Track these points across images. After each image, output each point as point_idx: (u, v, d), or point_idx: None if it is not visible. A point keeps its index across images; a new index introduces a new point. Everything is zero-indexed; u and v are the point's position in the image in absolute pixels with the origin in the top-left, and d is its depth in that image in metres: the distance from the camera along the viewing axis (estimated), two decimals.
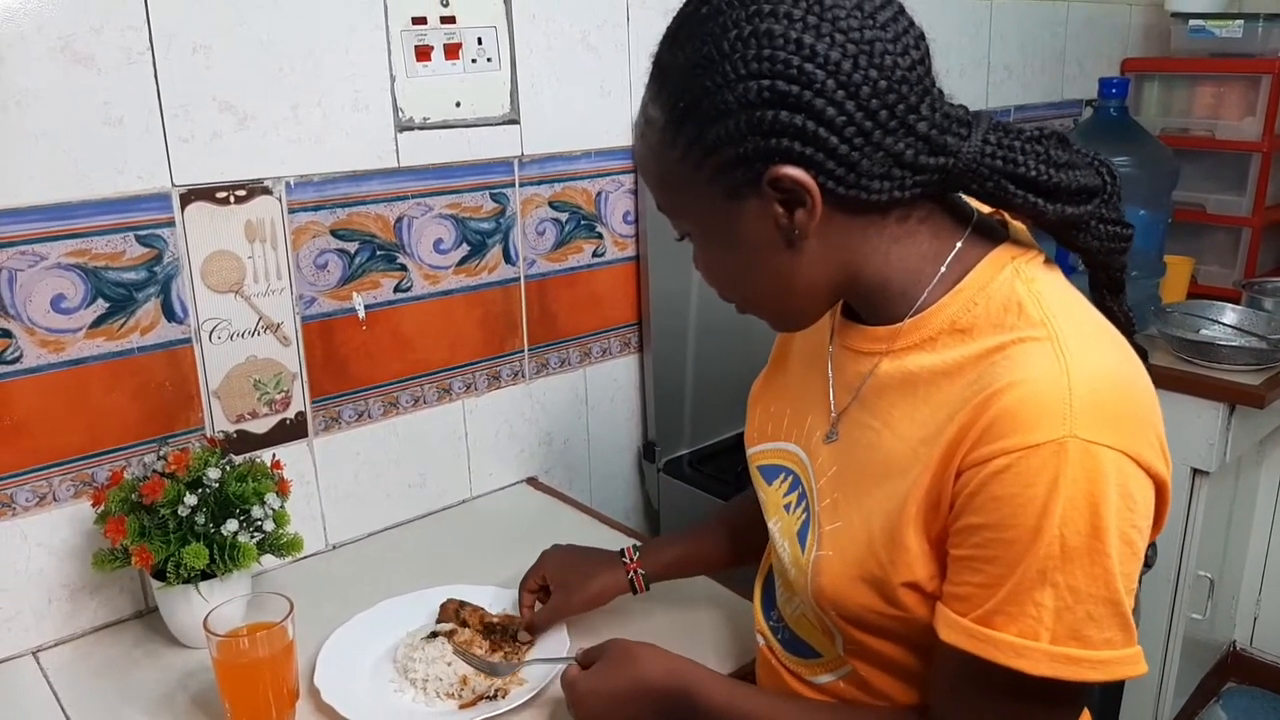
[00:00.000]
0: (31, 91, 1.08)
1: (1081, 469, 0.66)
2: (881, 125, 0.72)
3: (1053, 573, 0.68)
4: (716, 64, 0.71)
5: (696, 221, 0.81)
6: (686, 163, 0.76)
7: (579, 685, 0.93)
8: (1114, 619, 0.69)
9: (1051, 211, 0.76)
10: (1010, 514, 0.68)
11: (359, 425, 1.42)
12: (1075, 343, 0.71)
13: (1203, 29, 2.44)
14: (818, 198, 0.73)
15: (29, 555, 1.17)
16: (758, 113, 0.71)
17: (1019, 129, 0.78)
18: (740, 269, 0.81)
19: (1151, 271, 2.28)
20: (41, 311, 1.13)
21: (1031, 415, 0.68)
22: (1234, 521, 2.27)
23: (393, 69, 1.35)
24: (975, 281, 0.77)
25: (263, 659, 1.01)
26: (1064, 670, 0.69)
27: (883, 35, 0.71)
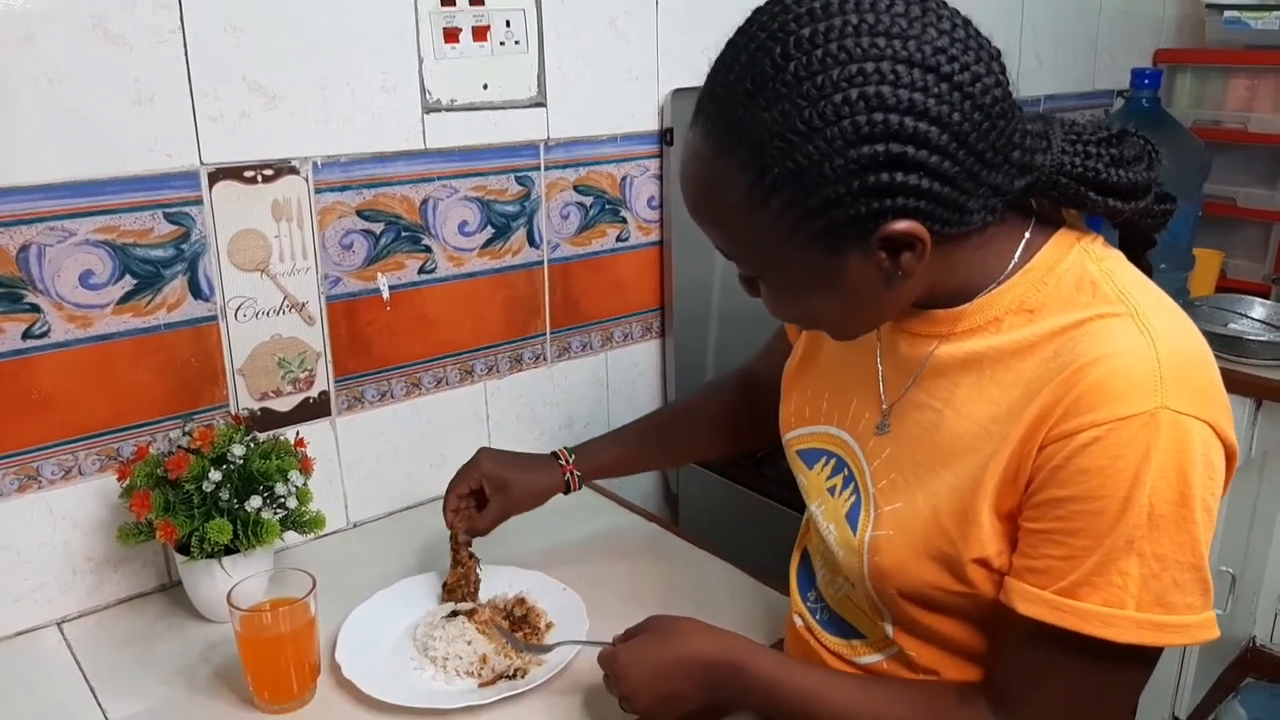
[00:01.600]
0: (63, 68, 1.08)
1: (1172, 440, 0.68)
2: (986, 164, 0.72)
3: (1140, 541, 0.69)
4: (821, 131, 0.67)
5: (781, 273, 0.78)
6: (780, 225, 0.72)
7: (621, 657, 0.92)
8: (1197, 584, 0.71)
9: (1128, 210, 0.78)
10: (1099, 485, 0.69)
11: (381, 405, 1.43)
12: (1156, 318, 0.72)
13: (1238, 20, 2.40)
14: (929, 243, 0.72)
15: (54, 527, 1.19)
16: (870, 177, 0.68)
17: (1090, 131, 0.79)
18: (828, 309, 0.79)
19: (1180, 264, 2.26)
20: (70, 287, 1.14)
21: (1122, 388, 0.69)
22: (1257, 517, 2.25)
23: (421, 50, 1.35)
24: (1043, 263, 0.78)
25: (285, 634, 1.02)
26: (1149, 636, 0.70)
27: (978, 69, 0.70)
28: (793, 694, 0.85)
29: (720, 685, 0.89)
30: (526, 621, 1.14)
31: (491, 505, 1.19)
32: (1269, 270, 2.39)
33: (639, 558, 1.34)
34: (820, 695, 0.85)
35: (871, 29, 0.67)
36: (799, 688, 0.86)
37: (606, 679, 0.94)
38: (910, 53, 0.67)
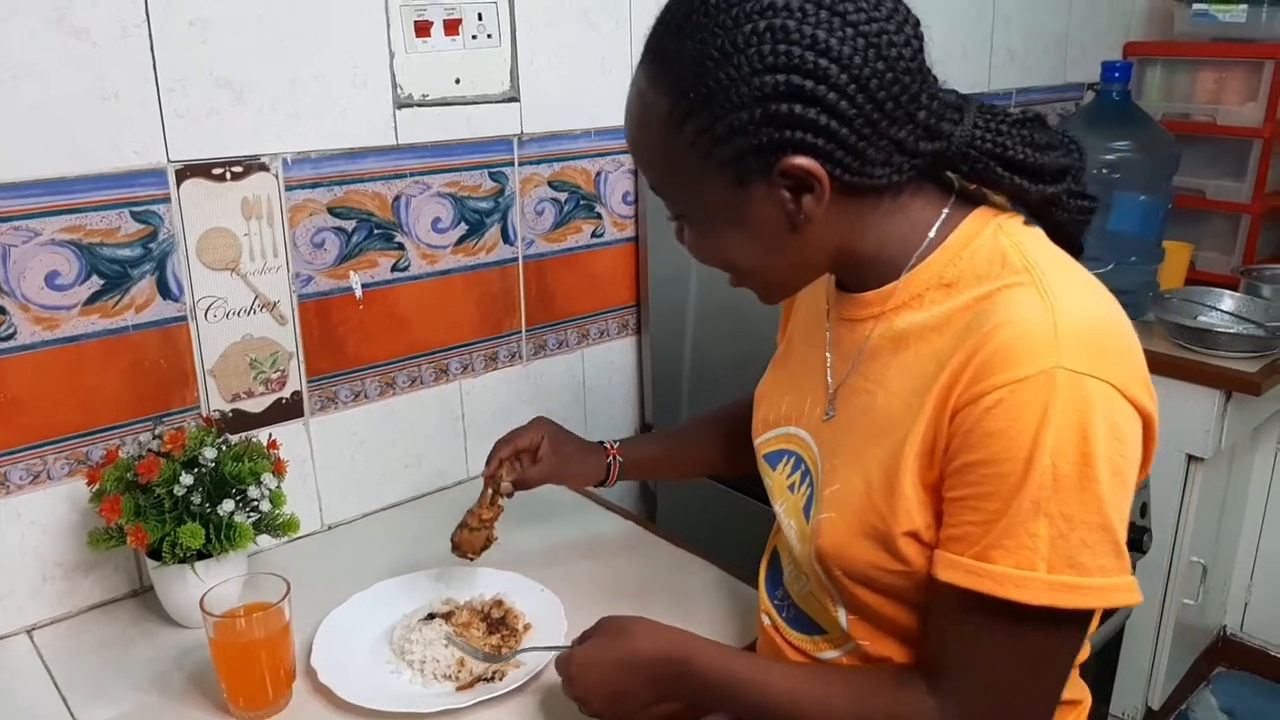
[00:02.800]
0: (26, 64, 1.06)
1: (1070, 399, 0.69)
2: (887, 115, 0.75)
3: (1046, 502, 0.70)
4: (731, 56, 0.73)
5: (698, 206, 0.82)
6: (695, 151, 0.77)
7: (574, 660, 0.93)
8: (1107, 545, 0.71)
9: (1034, 191, 0.81)
10: (1003, 447, 0.71)
11: (355, 405, 1.41)
12: (1058, 285, 0.74)
13: (1206, 13, 2.43)
14: (827, 185, 0.75)
15: (23, 533, 1.17)
16: (772, 106, 0.73)
17: (1005, 112, 0.82)
18: (741, 248, 0.82)
19: (1150, 257, 2.28)
20: (35, 288, 1.12)
21: (1020, 351, 0.70)
22: (1227, 508, 2.27)
23: (392, 45, 1.33)
24: (959, 238, 0.80)
25: (259, 639, 1.00)
26: (1062, 598, 0.71)
27: (887, 27, 0.74)
28: (738, 685, 0.87)
29: (669, 681, 0.90)
30: (504, 623, 1.13)
31: (544, 464, 1.18)
32: (1238, 263, 2.41)
33: (617, 557, 1.33)
34: (765, 684, 0.86)
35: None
36: (743, 678, 0.87)
37: (563, 683, 0.95)
38: (826, 8, 0.72)
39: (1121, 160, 2.20)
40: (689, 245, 0.86)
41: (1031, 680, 0.76)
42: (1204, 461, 2.00)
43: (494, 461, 1.18)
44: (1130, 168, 2.20)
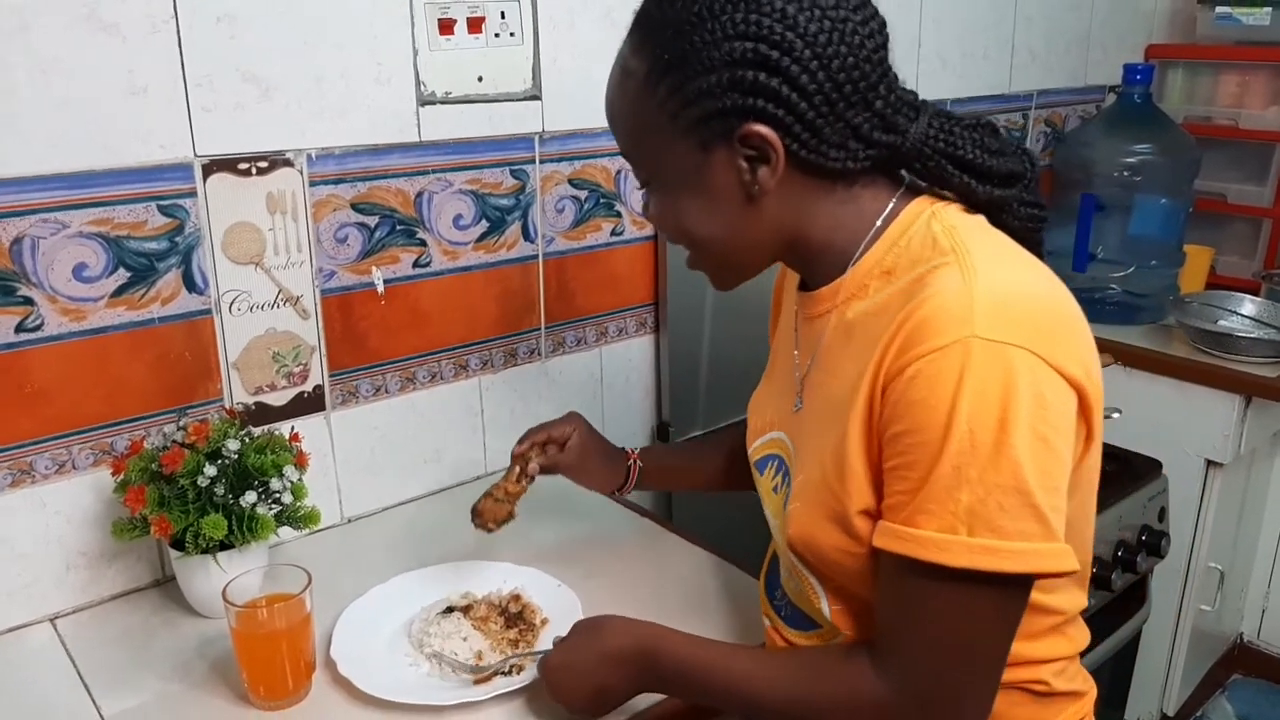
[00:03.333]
0: (56, 59, 1.07)
1: (984, 365, 0.71)
2: (845, 98, 0.79)
3: (966, 467, 0.72)
4: (705, 22, 0.77)
5: (663, 168, 0.86)
6: (664, 111, 0.81)
7: (549, 664, 0.97)
8: (1025, 509, 0.72)
9: (982, 192, 0.84)
10: (924, 415, 0.73)
11: (376, 400, 1.42)
12: (981, 262, 0.76)
13: (1229, 16, 2.41)
14: (781, 156, 0.80)
15: (48, 523, 1.18)
16: (739, 71, 0.77)
17: (959, 117, 0.86)
18: (698, 216, 0.86)
19: (1170, 261, 2.27)
20: (63, 280, 1.13)
21: (938, 323, 0.73)
22: (1245, 514, 2.26)
23: (415, 42, 1.34)
24: (898, 227, 0.84)
25: (281, 630, 1.01)
26: (981, 560, 0.72)
27: (854, 17, 0.79)
28: (702, 671, 0.90)
29: (642, 673, 0.93)
30: (522, 618, 1.14)
31: (570, 454, 1.21)
32: (1259, 267, 2.40)
33: (634, 554, 1.34)
34: (727, 669, 0.89)
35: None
36: (704, 663, 0.90)
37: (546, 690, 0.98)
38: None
39: (1143, 163, 2.19)
40: (652, 215, 0.91)
41: (968, 647, 0.77)
42: (1223, 467, 1.99)
43: (526, 442, 1.20)
44: (1151, 171, 2.20)
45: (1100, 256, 2.24)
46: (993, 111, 2.25)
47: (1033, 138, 2.38)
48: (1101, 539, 1.66)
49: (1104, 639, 1.74)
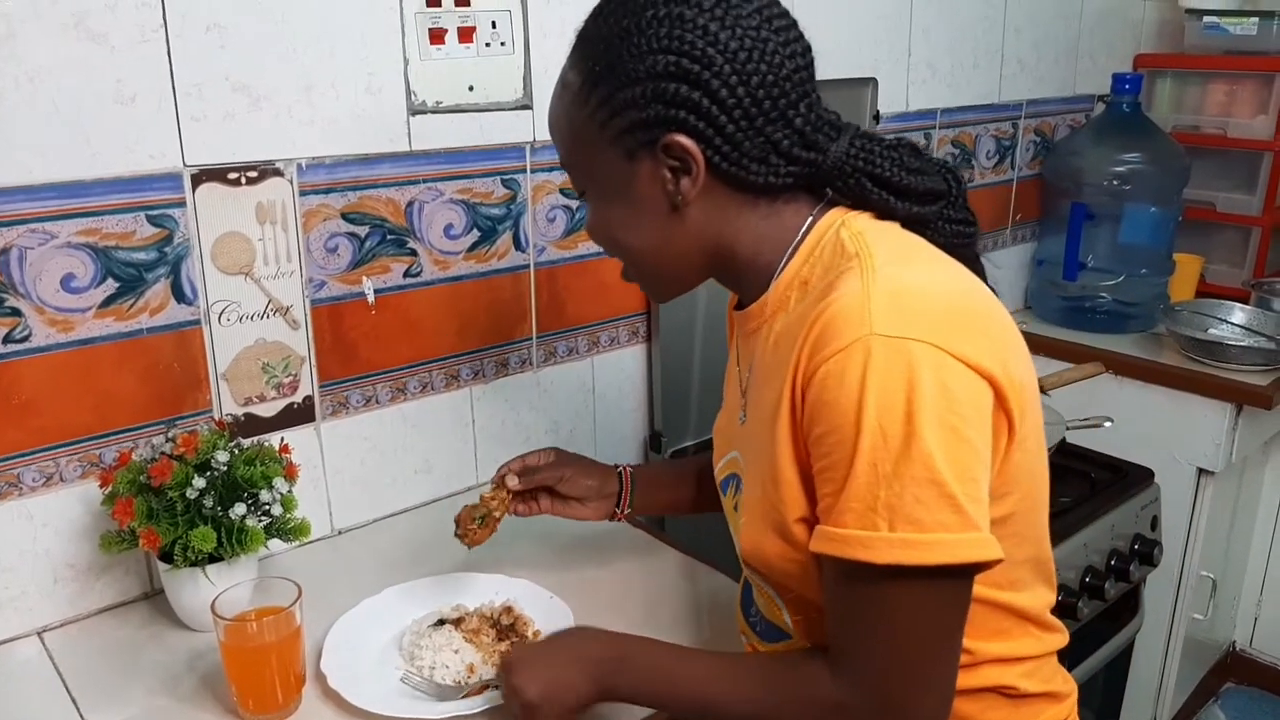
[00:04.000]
0: (44, 68, 1.07)
1: (886, 361, 0.73)
2: (764, 114, 0.82)
3: (881, 463, 0.73)
4: (632, 36, 0.81)
5: (595, 177, 0.90)
6: (594, 121, 0.85)
7: (519, 672, 0.94)
8: (941, 501, 0.73)
9: (901, 209, 0.87)
10: (835, 416, 0.75)
11: (366, 410, 1.41)
12: (882, 261, 0.79)
13: (1217, 26, 2.43)
14: (702, 167, 0.83)
15: (35, 535, 1.17)
16: (662, 84, 0.81)
17: (880, 137, 0.89)
18: (627, 226, 0.89)
19: (1160, 269, 2.28)
20: (51, 290, 1.12)
21: (838, 325, 0.76)
22: (1237, 522, 2.27)
23: (406, 52, 1.33)
24: (812, 239, 0.87)
25: (270, 643, 1.00)
26: (903, 555, 0.73)
27: (776, 38, 0.82)
28: (661, 674, 0.90)
29: (606, 676, 0.92)
30: (514, 630, 1.13)
31: (553, 463, 1.19)
32: (1248, 275, 2.41)
33: (627, 565, 1.33)
34: (690, 675, 0.89)
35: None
36: (665, 668, 0.90)
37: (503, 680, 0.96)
38: (723, 3, 0.81)
39: (1132, 172, 2.20)
40: (587, 225, 0.94)
41: (917, 643, 0.77)
42: (1214, 475, 2.00)
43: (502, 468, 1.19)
44: (1141, 179, 2.21)
45: (1091, 265, 2.25)
46: (983, 121, 2.25)
47: (1023, 147, 2.39)
48: (1094, 548, 1.66)
49: (1097, 648, 1.74)
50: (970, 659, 0.87)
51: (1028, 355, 0.85)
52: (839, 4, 1.86)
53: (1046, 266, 2.38)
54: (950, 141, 2.19)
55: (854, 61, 1.90)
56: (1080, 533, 1.63)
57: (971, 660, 0.87)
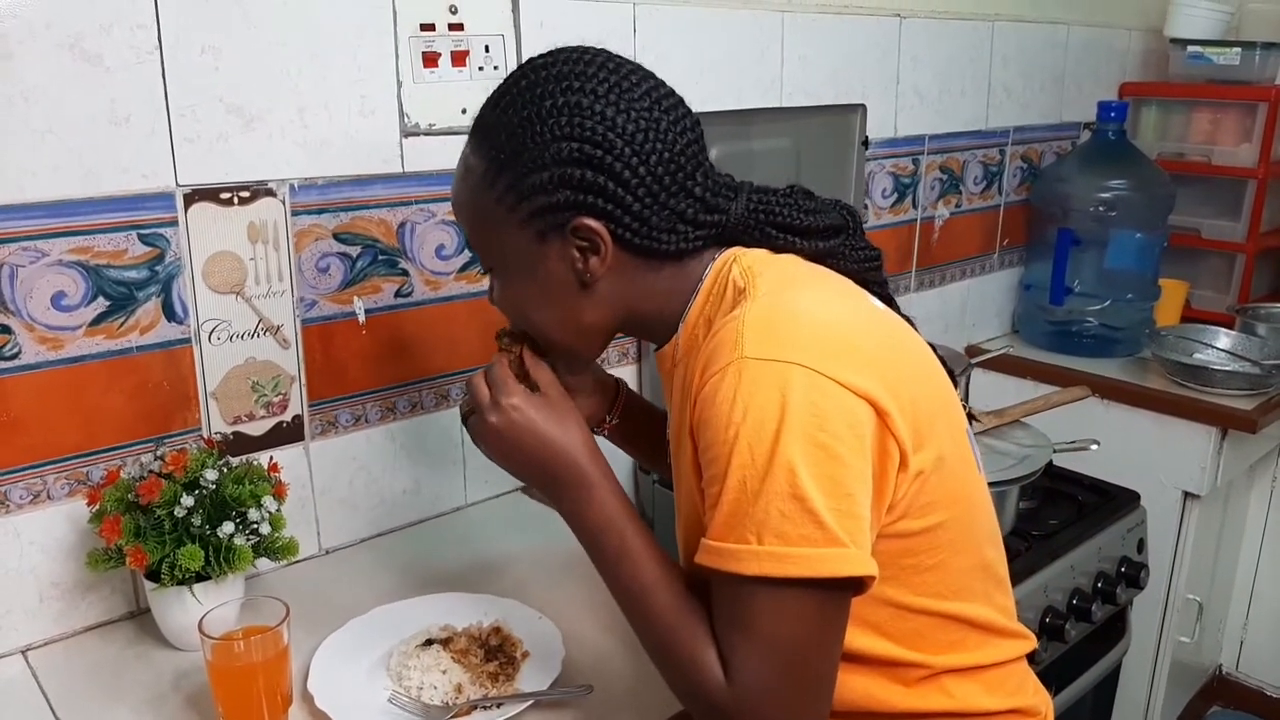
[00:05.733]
0: (39, 87, 1.07)
1: (754, 383, 0.77)
2: (665, 189, 0.87)
3: (750, 479, 0.76)
4: (534, 124, 0.85)
5: (504, 258, 0.93)
6: (501, 205, 0.88)
7: (514, 397, 0.93)
8: (804, 516, 0.76)
9: (807, 247, 0.93)
10: (711, 435, 0.79)
11: (356, 429, 1.41)
12: (763, 290, 0.84)
13: (1201, 55, 2.46)
14: (609, 246, 0.87)
15: (21, 553, 1.16)
16: (567, 169, 0.85)
17: (774, 190, 0.95)
18: (537, 302, 0.93)
19: (1146, 294, 2.30)
20: (41, 308, 1.12)
21: (718, 350, 0.80)
22: (1223, 545, 2.28)
23: (400, 74, 1.35)
24: (708, 281, 0.91)
25: (257, 663, 1.00)
26: (770, 567, 0.76)
27: (667, 118, 0.87)
28: (613, 540, 0.89)
29: (564, 486, 0.92)
30: (502, 651, 1.13)
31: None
32: (1233, 301, 2.43)
33: None
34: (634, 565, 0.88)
35: (594, 75, 0.86)
36: (621, 539, 0.89)
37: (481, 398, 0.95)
38: (615, 90, 0.85)
39: (1117, 199, 2.22)
40: (496, 299, 0.97)
41: (786, 654, 0.79)
42: (1200, 499, 2.01)
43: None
44: (1126, 206, 2.23)
45: (1077, 290, 2.27)
46: (970, 147, 2.28)
47: (1010, 173, 2.41)
48: (1081, 570, 1.66)
49: (1084, 671, 1.74)
50: (928, 671, 0.89)
51: (930, 375, 0.88)
52: (828, 31, 1.88)
53: (1033, 291, 2.40)
54: (938, 167, 2.21)
55: (843, 88, 1.92)
56: (1067, 555, 1.63)
57: (930, 672, 0.89)
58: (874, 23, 1.96)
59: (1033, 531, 1.64)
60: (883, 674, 0.89)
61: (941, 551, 0.87)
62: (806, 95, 1.84)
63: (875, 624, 0.86)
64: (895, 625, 0.88)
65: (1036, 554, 1.60)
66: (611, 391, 1.18)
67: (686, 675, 0.83)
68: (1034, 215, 2.43)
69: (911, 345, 0.89)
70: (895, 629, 0.88)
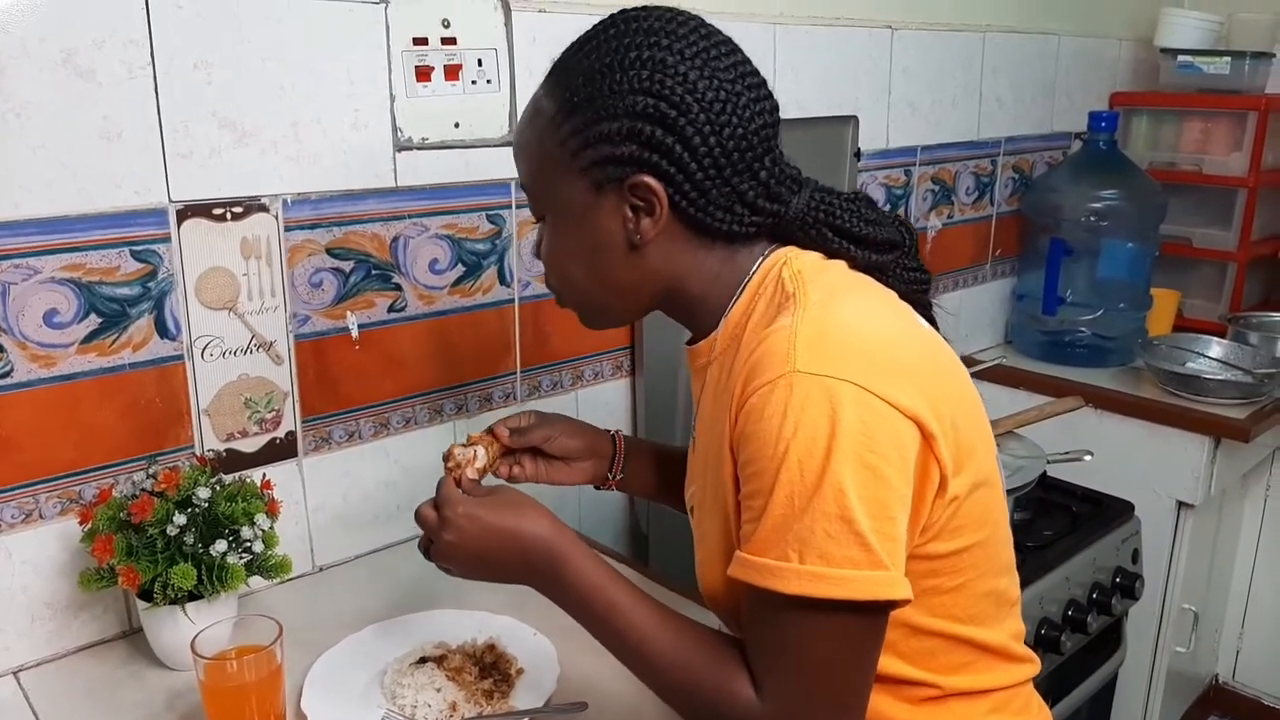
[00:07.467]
0: (31, 104, 1.07)
1: (807, 397, 0.75)
2: (732, 164, 0.85)
3: (797, 496, 0.75)
4: (614, 73, 0.83)
5: (556, 204, 0.91)
6: (566, 149, 0.86)
7: (459, 507, 0.93)
8: (850, 537, 0.74)
9: (860, 256, 0.91)
10: (757, 447, 0.77)
11: (349, 445, 1.41)
12: (814, 299, 0.82)
13: (1191, 65, 2.47)
14: (664, 210, 0.85)
15: (13, 572, 1.16)
16: (638, 124, 0.83)
17: (838, 191, 0.93)
18: (582, 257, 0.91)
19: (1138, 304, 2.31)
20: (34, 326, 1.12)
21: (766, 360, 0.78)
22: (1217, 555, 2.28)
23: (393, 89, 1.35)
24: (756, 279, 0.89)
25: (250, 683, 0.99)
26: (812, 587, 0.74)
27: (749, 94, 0.86)
28: (601, 606, 0.87)
29: (538, 571, 0.91)
30: (496, 668, 1.12)
31: (542, 421, 1.13)
32: (1225, 310, 2.44)
33: None
34: (626, 621, 0.86)
35: (684, 36, 0.84)
36: (606, 602, 0.87)
37: (430, 522, 0.95)
38: (702, 55, 0.84)
39: (1109, 208, 2.23)
40: (543, 251, 0.95)
41: (820, 673, 0.78)
42: (1194, 508, 2.01)
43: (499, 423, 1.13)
44: (1117, 216, 2.24)
45: (1069, 300, 2.27)
46: (962, 158, 2.28)
47: (1001, 183, 2.42)
48: (1076, 581, 1.66)
49: (1080, 682, 1.74)
50: (937, 692, 0.88)
51: (969, 397, 0.87)
52: (820, 43, 1.88)
53: (1026, 301, 2.40)
54: (930, 178, 2.22)
55: (835, 99, 1.93)
56: (1062, 566, 1.64)
57: (938, 694, 0.88)
58: (865, 34, 1.97)
59: (1027, 543, 1.64)
60: (890, 692, 0.88)
61: (964, 574, 0.86)
62: (798, 107, 1.84)
63: (889, 642, 0.85)
64: (907, 644, 0.87)
65: (1031, 566, 1.60)
66: (609, 447, 1.17)
67: (715, 703, 0.81)
68: (1026, 225, 2.44)
69: (954, 367, 0.88)
70: (907, 648, 0.87)
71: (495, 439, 1.09)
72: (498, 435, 1.09)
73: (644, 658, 0.86)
